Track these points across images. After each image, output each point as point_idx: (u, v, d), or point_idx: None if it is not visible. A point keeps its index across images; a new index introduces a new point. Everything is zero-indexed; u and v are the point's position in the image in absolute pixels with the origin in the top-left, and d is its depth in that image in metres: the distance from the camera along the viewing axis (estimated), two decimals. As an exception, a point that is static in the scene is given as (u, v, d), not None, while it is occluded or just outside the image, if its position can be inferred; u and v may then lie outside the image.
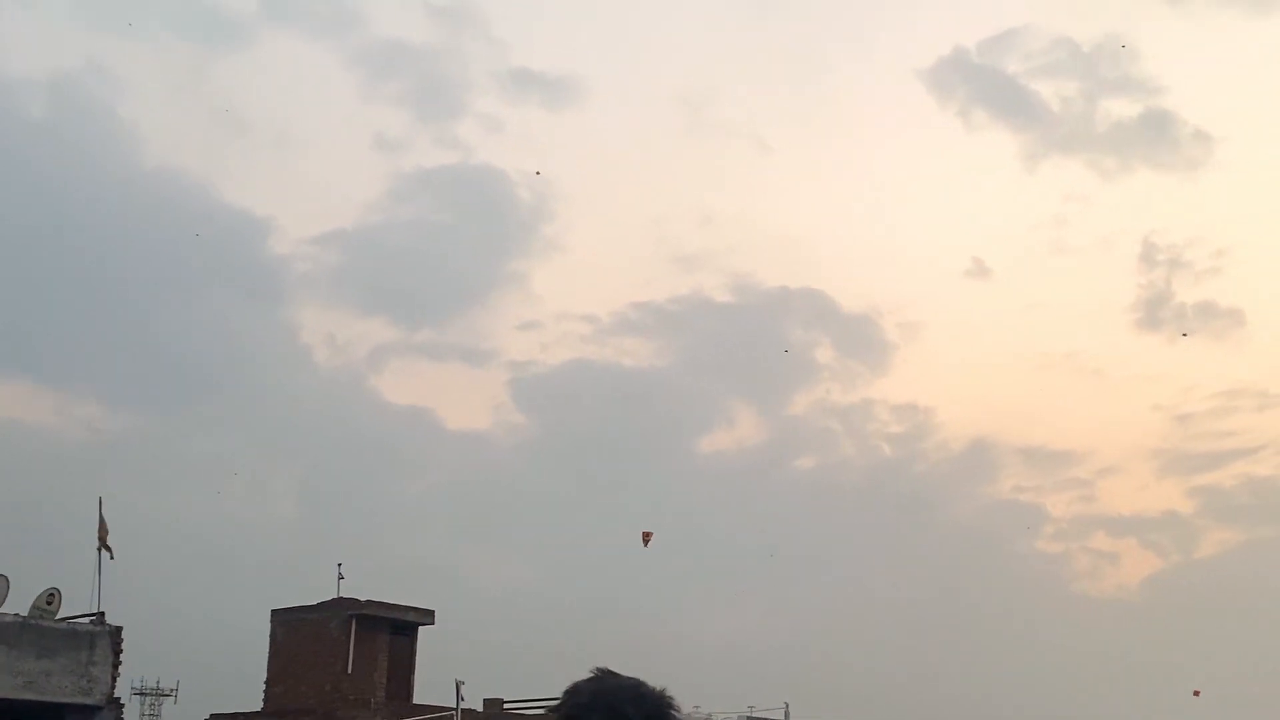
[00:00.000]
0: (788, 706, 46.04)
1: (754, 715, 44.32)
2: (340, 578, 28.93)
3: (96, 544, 23.85)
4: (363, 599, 28.45)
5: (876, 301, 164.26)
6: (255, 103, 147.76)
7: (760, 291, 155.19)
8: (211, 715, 27.84)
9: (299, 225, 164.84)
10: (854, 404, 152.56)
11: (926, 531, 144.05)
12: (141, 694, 79.07)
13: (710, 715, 48.64)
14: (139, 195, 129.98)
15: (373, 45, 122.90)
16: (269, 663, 28.88)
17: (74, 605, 23.37)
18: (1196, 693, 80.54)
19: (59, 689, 22.11)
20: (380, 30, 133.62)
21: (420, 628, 29.80)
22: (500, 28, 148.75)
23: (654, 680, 4.56)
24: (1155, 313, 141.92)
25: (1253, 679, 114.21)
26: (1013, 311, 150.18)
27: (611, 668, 4.59)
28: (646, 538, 30.89)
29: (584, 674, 4.46)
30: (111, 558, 23.69)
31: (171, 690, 79.55)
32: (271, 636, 29.11)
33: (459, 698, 26.86)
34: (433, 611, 29.74)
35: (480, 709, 31.05)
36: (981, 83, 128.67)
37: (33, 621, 22.23)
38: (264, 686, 28.75)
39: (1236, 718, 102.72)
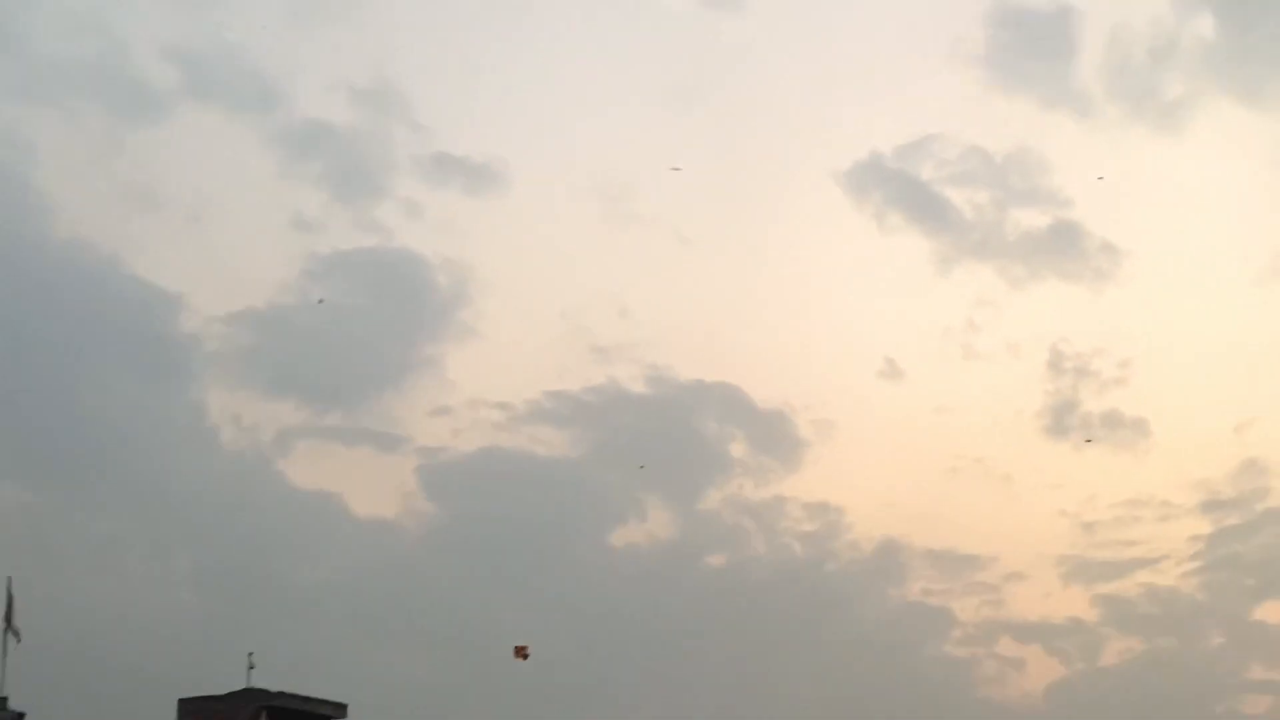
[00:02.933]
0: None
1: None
2: (250, 667, 28.25)
3: (2, 626, 23.07)
4: (273, 690, 27.75)
5: (791, 398, 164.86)
6: (171, 177, 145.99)
7: (676, 384, 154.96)
8: (113, 809, 26.79)
9: (210, 303, 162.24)
10: (766, 501, 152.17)
11: (836, 632, 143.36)
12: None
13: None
14: (48, 265, 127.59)
15: (294, 124, 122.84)
16: (175, 755, 28.00)
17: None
18: None
19: (-45, 778, 21.21)
20: (303, 110, 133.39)
21: (331, 720, 29.13)
22: (423, 112, 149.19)
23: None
24: (1062, 420, 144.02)
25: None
26: (924, 413, 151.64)
27: None
28: (521, 652, 30.44)
29: None
30: (19, 641, 22.95)
31: (66, 787, 76.56)
32: (178, 727, 28.25)
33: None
34: (345, 705, 29.14)
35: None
36: (897, 187, 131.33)
37: (-69, 707, 21.35)
38: (168, 780, 27.83)
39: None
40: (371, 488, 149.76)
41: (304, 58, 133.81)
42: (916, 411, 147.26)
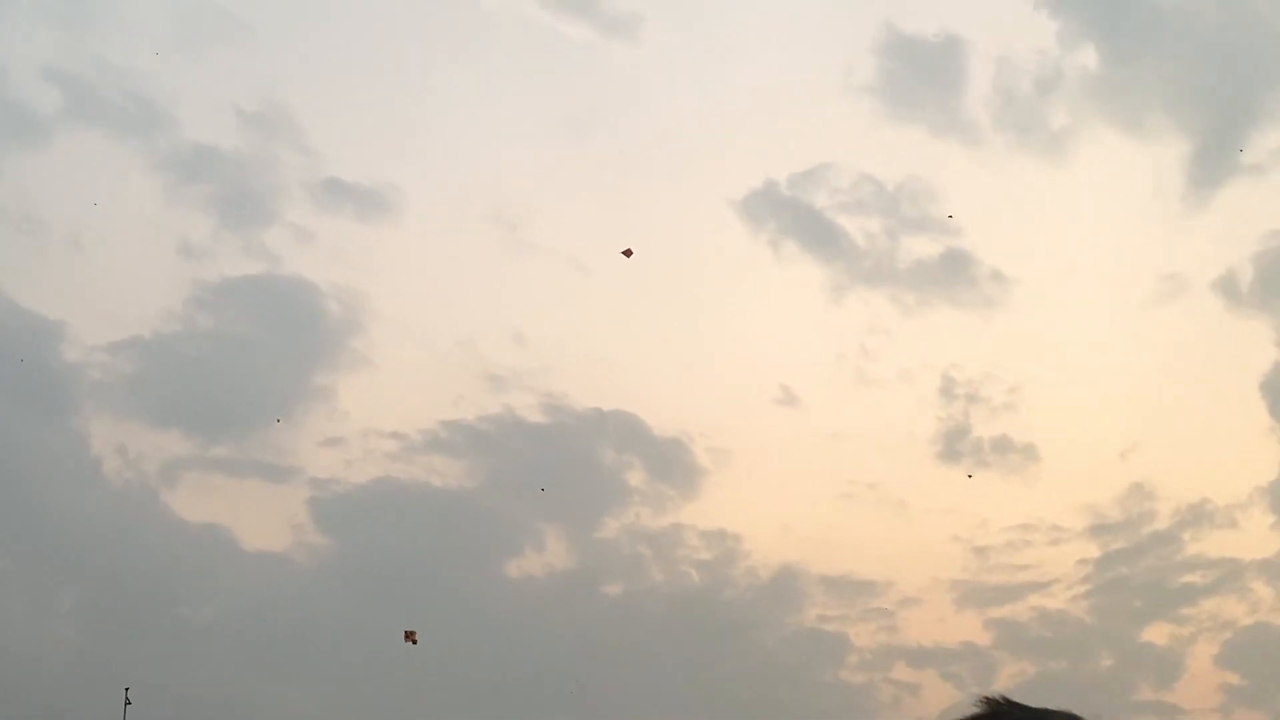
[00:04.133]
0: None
1: None
2: (128, 703, 27.14)
3: None
4: (153, 727, 26.62)
5: (688, 426, 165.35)
6: (51, 202, 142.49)
7: (573, 412, 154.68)
8: None
9: (93, 332, 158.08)
10: (664, 529, 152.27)
11: (734, 659, 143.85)
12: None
13: None
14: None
15: (180, 148, 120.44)
16: (47, 796, 26.64)
17: None
18: None
19: None
20: (189, 134, 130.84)
21: (215, 758, 28.00)
22: (313, 137, 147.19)
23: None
24: (954, 445, 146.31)
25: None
26: (819, 440, 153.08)
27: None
28: (410, 637, 29.72)
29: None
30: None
31: (-69, 827, 73.43)
32: (52, 767, 26.90)
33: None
34: (229, 740, 28.03)
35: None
36: (791, 215, 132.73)
37: None
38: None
39: None
40: (261, 520, 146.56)
41: (190, 80, 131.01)
42: (812, 438, 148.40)
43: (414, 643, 28.34)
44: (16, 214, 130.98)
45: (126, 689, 26.94)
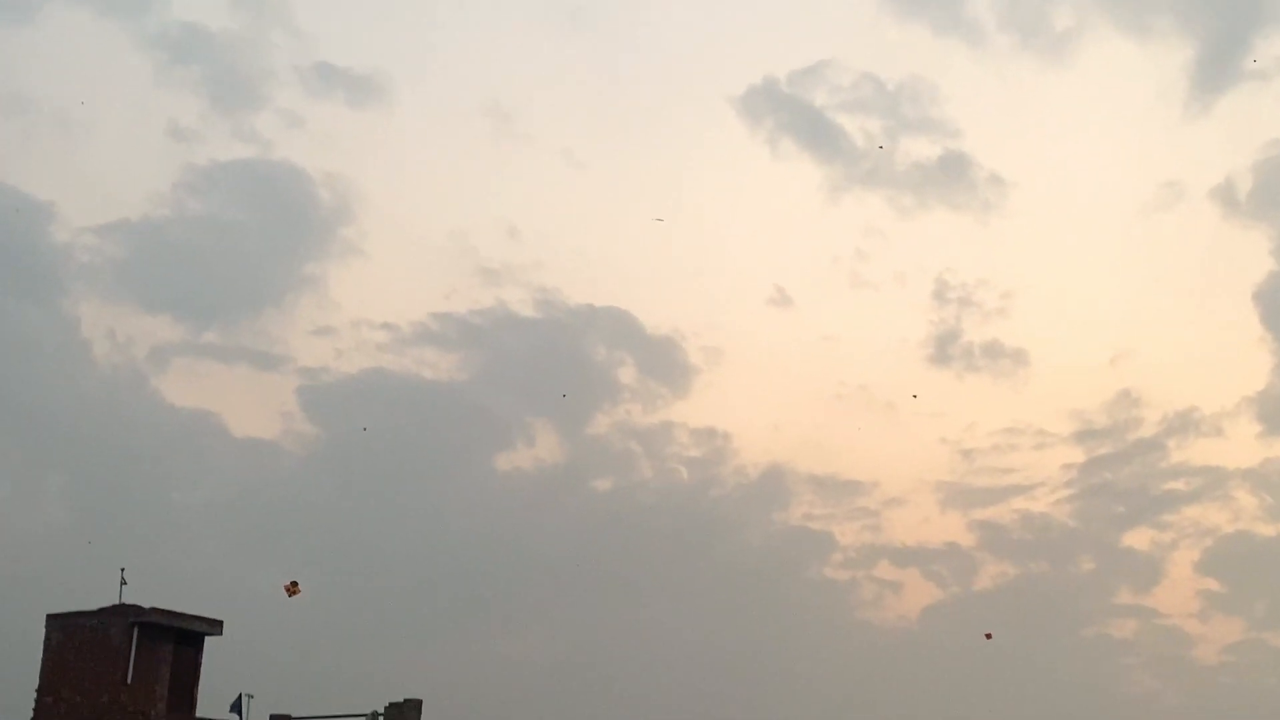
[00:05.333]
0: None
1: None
2: (123, 583, 27.22)
3: None
4: (146, 606, 26.79)
5: (680, 324, 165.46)
6: (37, 80, 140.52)
7: (565, 308, 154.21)
8: (-27, 727, 25.80)
9: (81, 213, 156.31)
10: (654, 426, 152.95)
11: (720, 555, 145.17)
12: (-113, 704, 73.90)
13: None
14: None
15: (169, 27, 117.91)
16: (41, 670, 26.87)
17: None
18: (989, 635, 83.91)
19: None
20: (178, 13, 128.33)
21: (206, 638, 28.27)
22: (304, 19, 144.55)
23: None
24: (945, 349, 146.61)
25: (1016, 712, 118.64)
26: (811, 341, 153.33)
27: None
28: (291, 590, 30.06)
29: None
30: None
31: (-75, 700, 74.68)
32: (46, 643, 27.10)
33: (244, 712, 25.64)
34: (221, 622, 28.29)
35: (267, 725, 29.69)
36: (790, 113, 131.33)
37: None
38: (35, 695, 26.77)
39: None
40: (251, 407, 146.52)
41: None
42: (804, 339, 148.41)
43: (294, 594, 28.53)
44: (4, 93, 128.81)
45: (122, 569, 27.04)
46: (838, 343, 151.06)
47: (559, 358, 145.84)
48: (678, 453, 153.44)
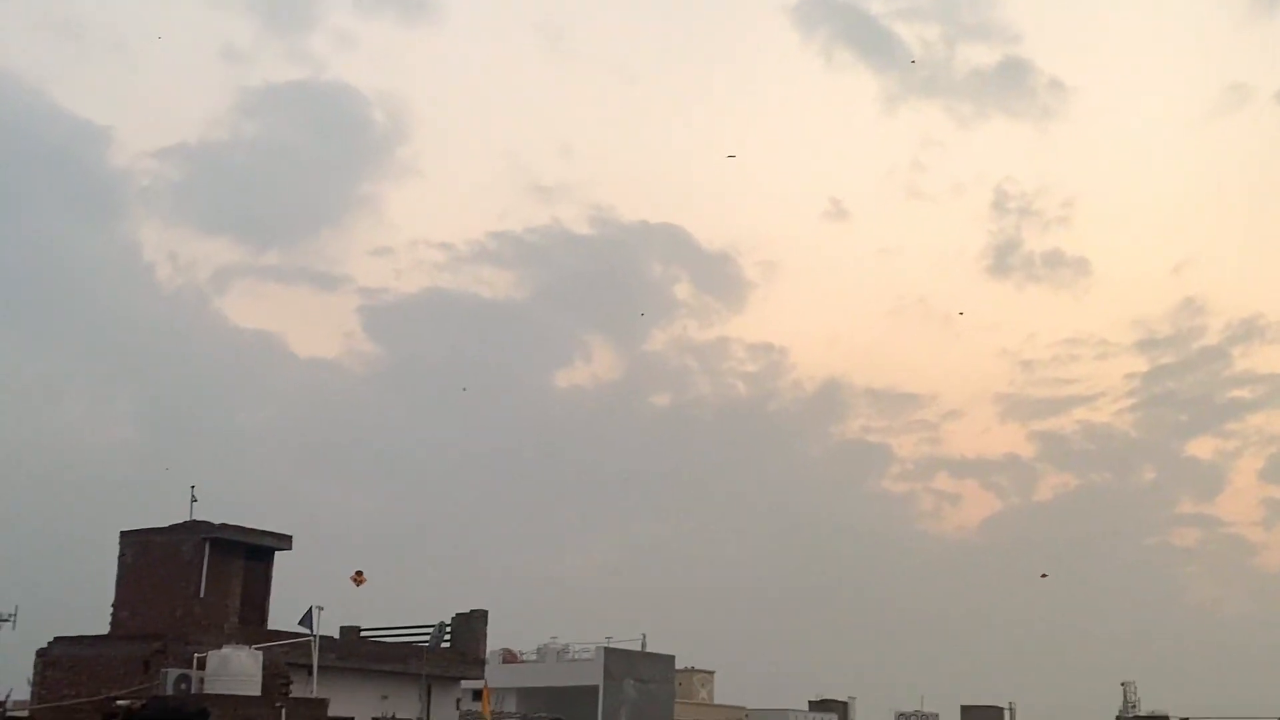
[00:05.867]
0: (645, 638, 46.38)
1: (612, 645, 44.35)
2: (194, 500, 27.72)
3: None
4: (216, 522, 27.29)
5: (736, 239, 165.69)
6: (92, 5, 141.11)
7: (619, 225, 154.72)
8: (55, 638, 26.47)
9: (140, 137, 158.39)
10: (710, 341, 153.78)
11: (778, 469, 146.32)
12: (-26, 618, 76.35)
13: (568, 646, 48.60)
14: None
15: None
16: (117, 585, 27.51)
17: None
18: (1044, 575, 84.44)
19: (-114, 609, 20.64)
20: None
21: (276, 553, 28.78)
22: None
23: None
24: (1004, 260, 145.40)
25: (1084, 625, 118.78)
26: (868, 254, 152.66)
27: None
28: (358, 580, 30.54)
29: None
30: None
31: (9, 615, 76.97)
32: (120, 559, 27.72)
33: (314, 624, 26.11)
34: (290, 537, 28.76)
35: (336, 636, 30.30)
36: (845, 21, 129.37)
37: None
38: (111, 610, 27.44)
39: (1056, 665, 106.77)
40: (312, 328, 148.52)
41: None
42: (860, 252, 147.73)
43: (361, 583, 28.82)
44: (59, 19, 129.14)
45: (192, 487, 27.52)
46: (895, 255, 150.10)
47: (614, 275, 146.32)
48: (734, 367, 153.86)
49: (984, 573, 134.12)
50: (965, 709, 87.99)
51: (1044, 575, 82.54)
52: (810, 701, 73.55)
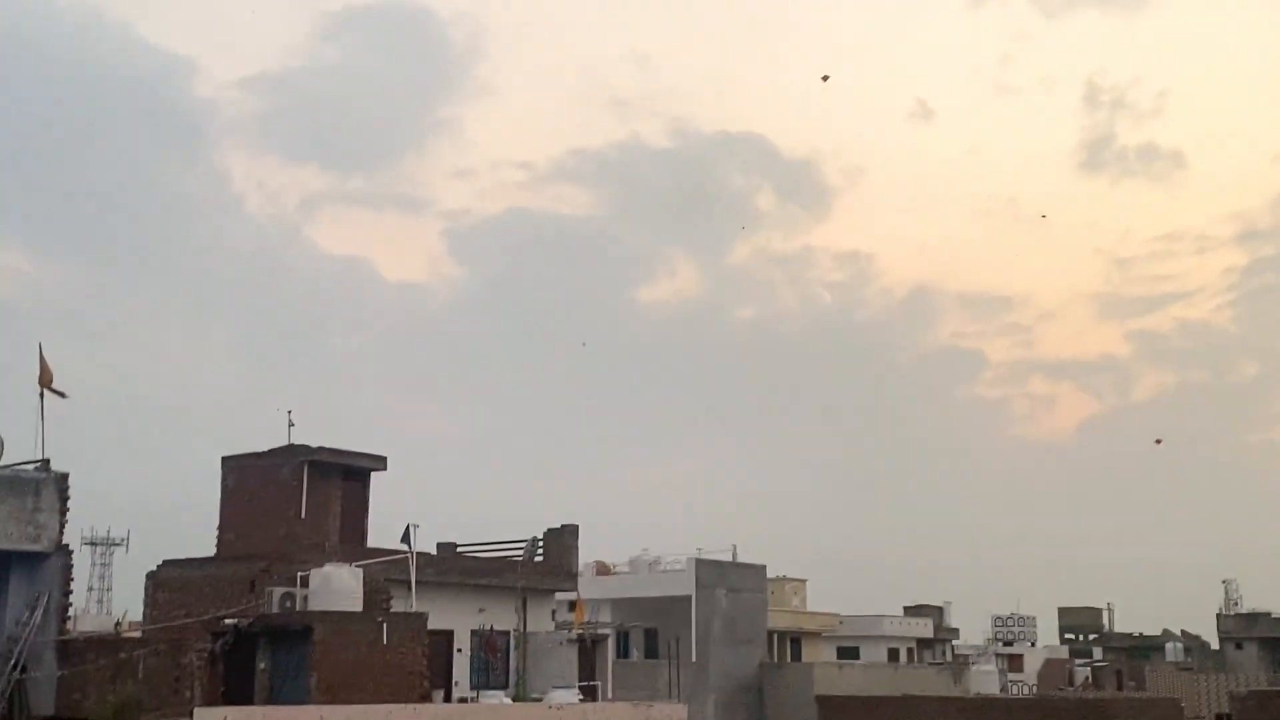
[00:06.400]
0: (735, 548, 46.82)
1: (703, 557, 44.89)
2: (290, 425, 28.51)
3: (38, 390, 23.15)
4: (313, 445, 28.05)
5: (818, 145, 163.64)
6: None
7: (699, 136, 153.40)
8: (164, 561, 27.51)
9: (222, 68, 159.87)
10: (795, 251, 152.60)
11: (867, 378, 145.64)
12: (93, 544, 79.29)
13: (659, 559, 49.28)
14: (56, 33, 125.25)
15: None
16: (221, 509, 28.48)
17: (15, 454, 22.81)
18: (1158, 440, 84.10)
19: (4, 536, 21.61)
20: None
21: (372, 474, 29.53)
22: None
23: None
24: (1097, 155, 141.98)
25: (1183, 525, 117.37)
26: (955, 155, 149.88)
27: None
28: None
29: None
30: (64, 396, 23.09)
31: (121, 540, 79.85)
32: (222, 483, 28.66)
33: (411, 542, 26.82)
34: (385, 458, 29.46)
35: (434, 553, 31.06)
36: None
37: (-26, 469, 21.62)
38: (216, 533, 28.44)
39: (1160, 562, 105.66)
40: (399, 252, 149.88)
41: None
42: (948, 153, 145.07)
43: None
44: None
45: (289, 411, 28.29)
46: (983, 155, 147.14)
47: (695, 188, 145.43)
48: (820, 277, 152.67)
49: (1081, 475, 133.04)
50: (1063, 610, 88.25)
51: (1158, 441, 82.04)
52: (905, 607, 73.95)
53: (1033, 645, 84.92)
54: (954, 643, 76.22)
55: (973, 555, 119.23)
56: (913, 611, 73.03)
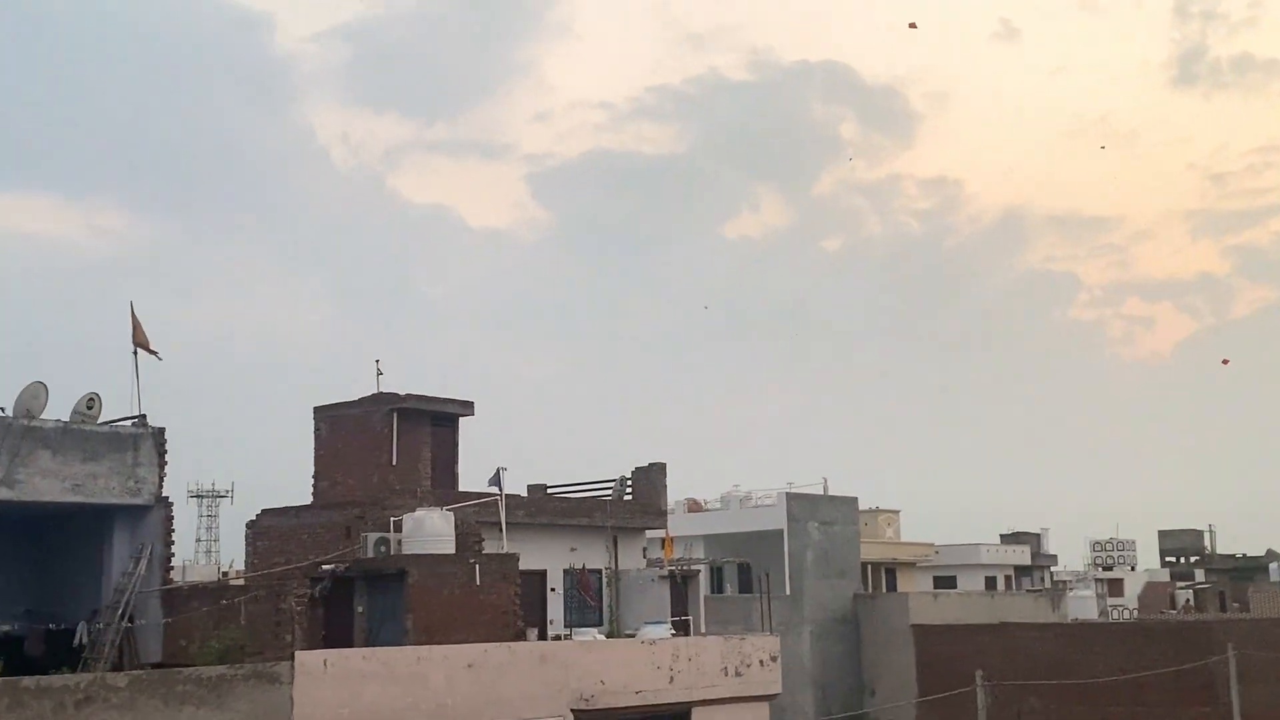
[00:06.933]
0: (826, 481, 46.74)
1: (794, 491, 44.90)
2: (379, 374, 28.92)
3: (132, 348, 23.69)
4: (402, 393, 28.45)
5: (901, 71, 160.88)
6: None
7: (778, 67, 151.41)
8: (263, 511, 28.14)
9: (299, 22, 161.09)
10: (880, 180, 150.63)
11: (958, 305, 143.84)
12: (198, 496, 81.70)
13: (749, 494, 49.40)
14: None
15: None
16: (315, 458, 29.03)
17: (113, 410, 23.41)
18: (1225, 361, 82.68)
19: (106, 491, 22.24)
20: None
21: (460, 419, 29.89)
22: None
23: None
24: (1189, 68, 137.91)
25: (1278, 440, 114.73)
26: (1042, 75, 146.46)
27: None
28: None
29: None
30: (159, 358, 23.64)
31: (226, 492, 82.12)
32: (316, 433, 29.20)
33: (501, 484, 27.16)
34: (472, 403, 29.79)
35: (524, 495, 31.45)
36: None
37: (74, 426, 22.22)
38: (312, 481, 29.03)
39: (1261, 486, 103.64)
40: (483, 198, 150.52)
41: None
42: (1034, 73, 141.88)
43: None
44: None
45: (377, 360, 28.71)
46: (1071, 74, 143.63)
47: (777, 119, 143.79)
48: (906, 205, 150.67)
49: (1179, 396, 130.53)
50: (1163, 534, 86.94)
51: (1225, 361, 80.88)
52: (1001, 535, 73.43)
53: (1133, 569, 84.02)
54: (1052, 569, 75.64)
55: (1071, 481, 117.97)
56: (1010, 539, 72.51)
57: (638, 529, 32.53)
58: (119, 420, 23.19)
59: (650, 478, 33.00)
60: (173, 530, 23.45)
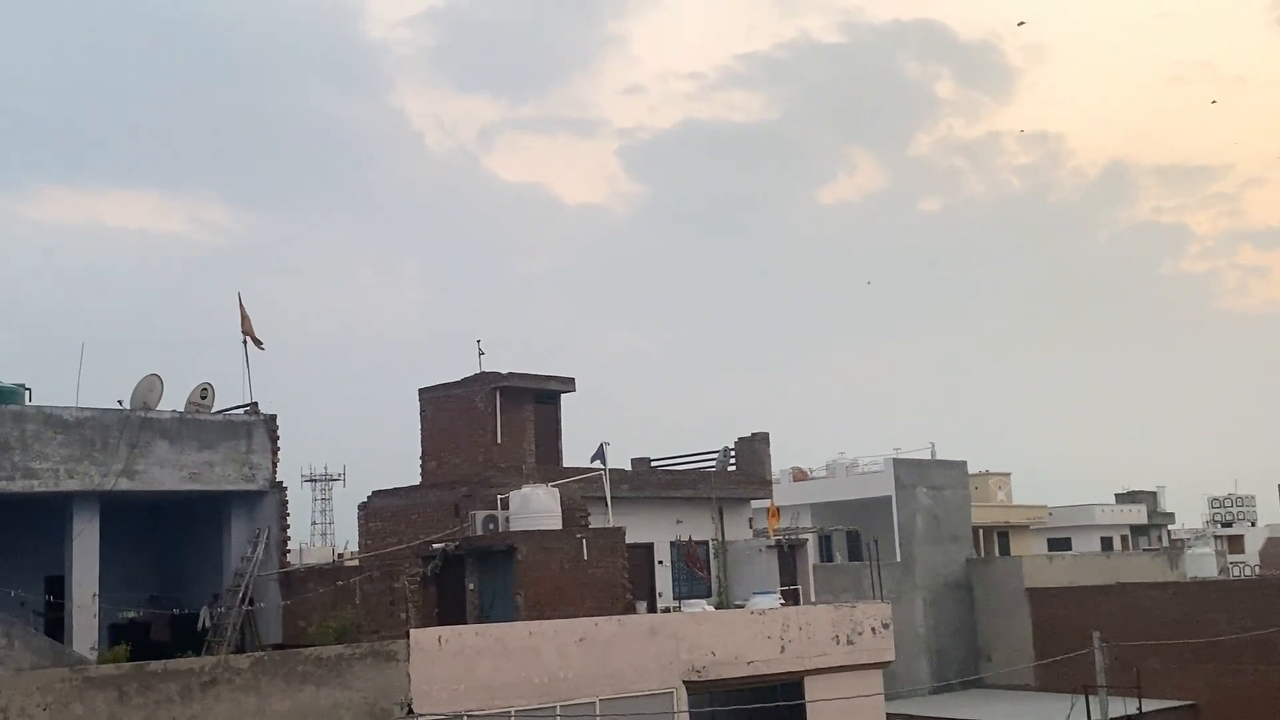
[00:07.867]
0: (933, 446, 46.25)
1: (900, 456, 44.50)
2: (481, 353, 29.20)
3: (241, 338, 24.23)
4: (504, 372, 28.71)
5: (996, 25, 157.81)
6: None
7: (870, 28, 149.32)
8: (373, 492, 28.64)
9: (388, 7, 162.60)
10: (979, 138, 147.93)
11: (1064, 261, 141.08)
12: (312, 480, 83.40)
13: (855, 461, 49.08)
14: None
15: None
16: (422, 439, 29.48)
17: (226, 399, 23.99)
18: None
19: (222, 478, 22.84)
20: None
21: (562, 395, 30.10)
22: None
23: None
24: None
25: None
26: (1142, 21, 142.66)
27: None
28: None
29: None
30: (261, 348, 24.12)
31: (339, 475, 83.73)
32: (421, 414, 29.64)
33: (604, 459, 27.32)
34: (573, 380, 29.97)
35: (628, 468, 31.58)
36: None
37: (189, 416, 22.84)
38: (420, 462, 29.46)
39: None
40: (576, 174, 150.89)
41: None
42: (1133, 20, 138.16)
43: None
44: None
45: (478, 340, 28.99)
46: (1171, 18, 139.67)
47: (870, 81, 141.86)
48: (1007, 162, 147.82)
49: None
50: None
51: None
52: (1116, 494, 72.07)
53: (1253, 525, 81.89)
54: (1169, 528, 74.02)
55: (1186, 437, 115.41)
56: (1125, 499, 71.10)
57: (743, 499, 32.50)
58: (232, 409, 23.77)
59: (754, 447, 32.92)
60: (288, 514, 24.00)
